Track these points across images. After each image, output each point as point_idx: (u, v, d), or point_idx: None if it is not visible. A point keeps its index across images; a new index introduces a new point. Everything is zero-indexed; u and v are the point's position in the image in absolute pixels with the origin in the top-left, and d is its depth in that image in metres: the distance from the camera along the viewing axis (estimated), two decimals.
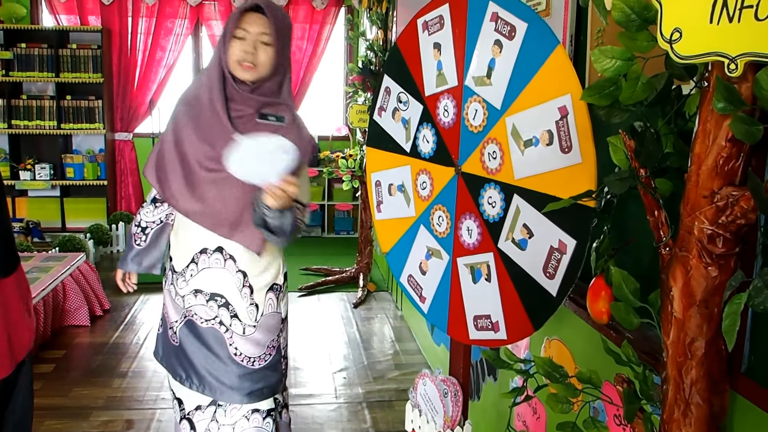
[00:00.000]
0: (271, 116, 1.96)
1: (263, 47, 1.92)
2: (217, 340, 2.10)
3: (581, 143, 1.37)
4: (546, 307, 1.49)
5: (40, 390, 3.43)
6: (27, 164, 6.47)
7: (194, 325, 2.11)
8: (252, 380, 2.14)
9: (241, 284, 2.08)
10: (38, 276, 4.10)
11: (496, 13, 1.56)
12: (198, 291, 2.08)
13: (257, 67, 1.92)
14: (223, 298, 2.08)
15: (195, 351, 2.12)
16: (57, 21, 6.62)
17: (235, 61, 1.91)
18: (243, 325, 2.10)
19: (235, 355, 2.11)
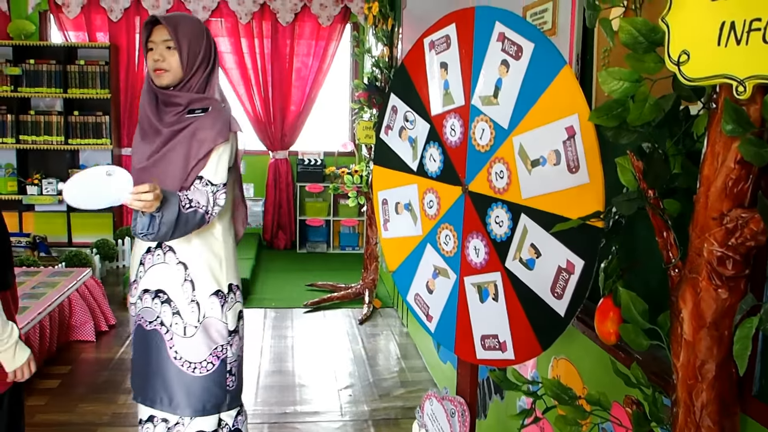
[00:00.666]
0: (197, 110, 2.11)
1: (169, 52, 2.07)
2: (157, 341, 2.16)
3: (589, 163, 1.37)
4: (554, 328, 1.48)
5: (46, 406, 3.43)
6: (34, 179, 6.50)
7: (141, 330, 2.20)
8: (191, 390, 2.16)
9: (183, 278, 2.14)
10: (45, 291, 4.11)
11: (503, 33, 1.56)
12: (145, 291, 2.17)
13: (170, 71, 2.08)
14: (165, 293, 2.15)
15: (139, 358, 2.21)
16: (65, 37, 6.68)
17: (151, 69, 2.09)
18: (184, 323, 2.15)
19: (174, 358, 2.15)
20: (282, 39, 6.84)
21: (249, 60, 6.85)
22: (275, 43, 6.84)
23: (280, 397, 3.63)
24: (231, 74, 6.86)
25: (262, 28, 6.81)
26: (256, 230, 7.14)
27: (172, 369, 2.14)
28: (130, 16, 6.66)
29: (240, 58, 6.83)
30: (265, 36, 6.82)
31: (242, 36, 6.80)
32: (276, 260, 6.63)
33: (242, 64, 6.84)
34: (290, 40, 6.85)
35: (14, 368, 1.92)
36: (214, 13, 6.73)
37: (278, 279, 5.91)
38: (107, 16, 6.62)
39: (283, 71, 6.89)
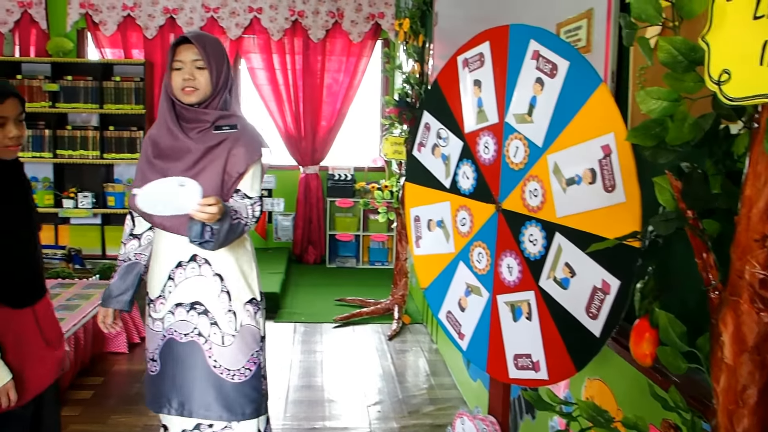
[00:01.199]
0: (225, 126, 2.15)
1: (199, 72, 2.12)
2: (195, 353, 2.19)
3: (625, 182, 1.36)
4: (589, 348, 1.47)
5: (79, 416, 3.47)
6: (70, 192, 6.61)
7: (174, 344, 2.21)
8: (231, 396, 2.20)
9: (219, 289, 2.19)
10: (79, 303, 4.16)
11: (538, 51, 1.56)
12: (178, 305, 2.19)
13: (199, 89, 2.13)
14: (202, 305, 2.18)
15: (174, 371, 2.22)
16: (102, 54, 6.80)
17: (178, 88, 2.12)
18: (222, 333, 2.19)
19: (214, 367, 2.19)
20: (313, 55, 6.90)
21: (281, 76, 6.91)
22: (306, 60, 6.90)
23: (309, 412, 3.63)
24: (263, 90, 6.92)
25: (293, 45, 6.87)
26: (286, 244, 7.18)
27: (212, 378, 2.18)
28: (165, 33, 6.77)
29: (272, 75, 6.90)
30: (296, 52, 6.88)
31: (274, 52, 6.87)
32: (306, 275, 6.64)
33: (274, 80, 6.90)
34: (321, 56, 6.90)
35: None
36: (247, 29, 6.81)
37: (308, 293, 5.93)
38: (142, 34, 6.74)
39: (314, 87, 6.94)
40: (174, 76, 2.13)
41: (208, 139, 2.13)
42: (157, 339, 2.25)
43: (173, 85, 2.13)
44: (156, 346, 2.25)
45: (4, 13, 6.62)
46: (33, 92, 6.46)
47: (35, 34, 6.71)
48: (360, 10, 6.80)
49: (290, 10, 6.77)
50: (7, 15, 6.63)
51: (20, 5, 6.63)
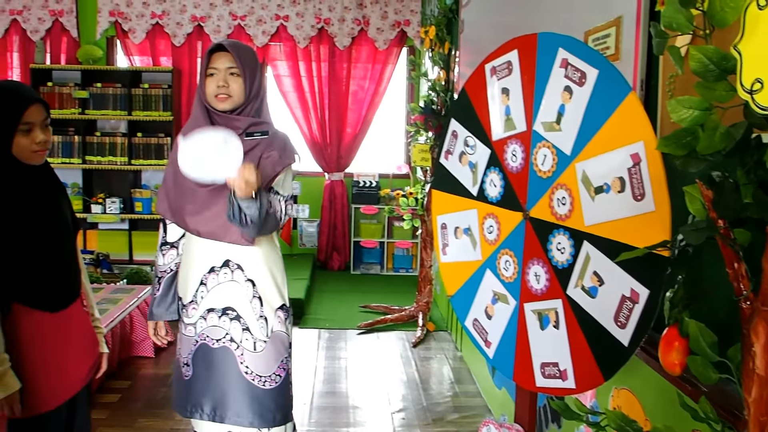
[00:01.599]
0: (256, 133, 2.19)
1: (233, 78, 2.15)
2: (227, 359, 2.20)
3: (654, 191, 1.35)
4: (617, 357, 1.46)
5: (107, 419, 3.51)
6: (98, 198, 6.70)
7: (206, 349, 2.22)
8: (262, 402, 2.21)
9: (251, 294, 2.20)
10: (107, 308, 4.21)
11: (566, 60, 1.56)
12: (210, 310, 2.21)
13: (232, 96, 2.16)
14: (234, 311, 2.20)
15: (206, 376, 2.23)
16: (131, 62, 6.90)
17: (212, 95, 2.15)
18: (254, 339, 2.20)
19: (245, 373, 2.20)
20: (339, 62, 6.94)
21: (306, 83, 6.96)
22: (332, 67, 6.94)
23: (334, 418, 3.64)
24: (289, 97, 6.97)
25: (319, 52, 6.91)
26: (311, 251, 7.21)
27: (244, 384, 2.19)
28: (193, 41, 6.85)
29: (298, 82, 6.95)
30: (322, 59, 6.93)
31: (300, 59, 6.92)
32: (330, 281, 6.67)
33: (300, 87, 6.95)
34: (347, 64, 6.94)
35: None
36: (273, 37, 6.87)
37: (332, 300, 5.95)
38: (171, 41, 6.82)
39: (340, 94, 6.98)
40: (208, 83, 2.16)
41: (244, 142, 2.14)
42: (189, 344, 2.26)
43: (207, 92, 2.16)
44: (189, 351, 2.26)
45: (37, 22, 6.75)
46: (63, 99, 6.56)
47: (66, 42, 6.83)
48: (386, 17, 6.83)
49: (316, 17, 6.81)
50: (39, 23, 6.75)
51: (52, 14, 6.75)
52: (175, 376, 2.38)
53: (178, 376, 2.34)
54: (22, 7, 6.73)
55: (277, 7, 6.80)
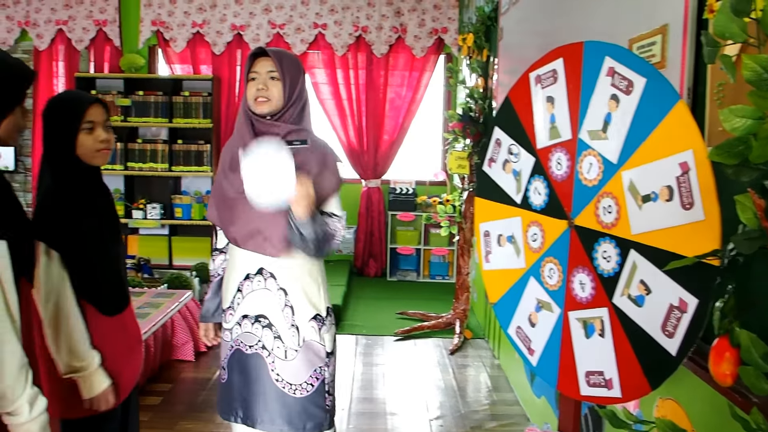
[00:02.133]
0: (295, 141, 2.19)
1: (273, 82, 2.16)
2: (259, 365, 2.22)
3: (704, 200, 1.34)
4: (664, 367, 1.45)
5: (149, 421, 3.57)
6: (139, 204, 6.82)
7: (240, 354, 2.25)
8: (293, 410, 2.22)
9: (283, 303, 2.21)
10: (149, 312, 4.29)
11: (613, 68, 1.56)
12: (244, 316, 2.23)
13: (271, 100, 2.17)
14: (266, 318, 2.21)
15: (240, 381, 2.25)
16: (172, 70, 7.02)
17: (252, 98, 2.17)
18: (285, 347, 2.21)
19: (276, 380, 2.21)
20: (376, 70, 6.98)
21: (344, 90, 7.01)
22: (369, 74, 6.98)
23: (372, 424, 3.65)
24: (326, 104, 7.03)
25: (357, 60, 6.97)
26: (348, 257, 7.25)
27: (274, 391, 2.21)
28: (232, 49, 6.95)
29: (335, 89, 7.00)
30: (360, 67, 6.98)
31: (338, 67, 6.97)
32: (366, 287, 6.69)
33: (337, 94, 7.01)
34: (384, 71, 6.98)
35: (91, 396, 1.98)
36: (312, 45, 6.94)
37: (369, 306, 5.97)
38: (211, 50, 6.93)
39: (377, 101, 7.01)
40: (249, 87, 2.18)
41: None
42: (226, 348, 2.30)
43: (248, 96, 2.19)
44: (225, 355, 2.30)
45: (81, 32, 6.91)
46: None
47: (109, 51, 6.98)
48: (423, 25, 6.85)
49: (354, 25, 6.87)
50: (84, 33, 6.91)
51: (96, 23, 6.90)
52: (218, 378, 2.42)
53: (218, 379, 2.39)
54: (68, 18, 6.90)
55: (315, 16, 6.87)
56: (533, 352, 1.88)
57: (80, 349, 1.95)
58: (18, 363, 1.49)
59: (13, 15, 6.93)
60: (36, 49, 6.96)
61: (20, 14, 6.92)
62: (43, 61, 6.98)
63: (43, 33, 6.92)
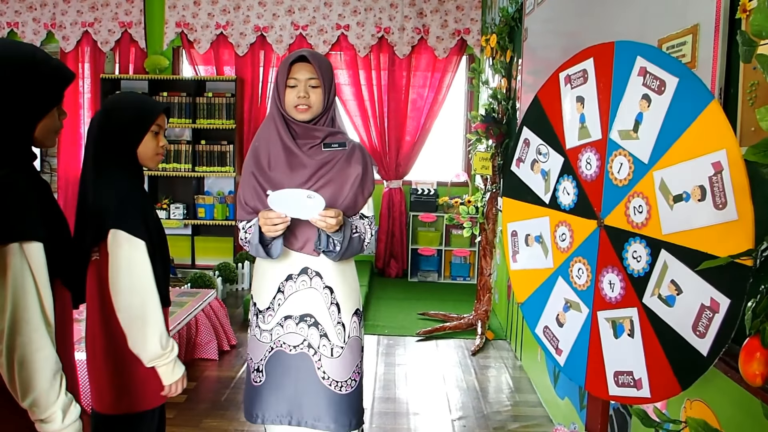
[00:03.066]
0: (333, 144, 2.22)
1: (313, 90, 2.17)
2: (305, 364, 2.21)
3: (737, 200, 1.34)
4: (695, 367, 1.45)
5: (174, 419, 3.60)
6: (163, 204, 6.89)
7: (282, 355, 2.24)
8: (339, 407, 2.22)
9: (329, 301, 2.22)
10: (174, 310, 4.32)
11: (645, 68, 1.56)
12: (287, 317, 2.22)
13: (312, 107, 2.18)
14: (312, 317, 2.21)
15: (282, 382, 2.23)
16: (195, 71, 7.08)
17: (292, 106, 2.17)
18: (331, 345, 2.21)
19: (323, 379, 2.22)
20: (398, 71, 6.99)
21: (366, 91, 7.03)
22: (392, 75, 6.99)
23: (394, 424, 3.66)
24: (348, 105, 7.05)
25: (379, 61, 6.98)
26: (369, 258, 7.26)
27: (321, 389, 2.21)
28: (255, 50, 7.00)
29: (357, 90, 7.02)
30: (382, 68, 6.99)
31: (360, 68, 6.99)
32: (388, 288, 6.70)
33: (359, 95, 7.03)
34: (406, 72, 6.99)
35: (170, 383, 2.06)
36: (334, 46, 6.96)
37: (390, 307, 5.98)
38: (234, 51, 6.98)
39: (399, 102, 7.02)
40: (288, 93, 2.17)
41: (319, 156, 2.20)
42: (263, 350, 2.27)
43: (287, 102, 2.18)
44: (262, 356, 2.27)
45: (107, 33, 6.99)
46: None
47: (134, 52, 7.05)
48: (446, 26, 6.86)
49: (377, 27, 6.88)
50: (110, 35, 6.99)
51: (121, 25, 6.98)
52: (246, 387, 2.37)
53: (249, 381, 2.34)
54: (93, 20, 6.98)
55: (338, 17, 6.90)
56: (561, 352, 1.88)
57: (165, 337, 2.03)
58: (52, 369, 1.49)
59: (40, 17, 7.02)
60: (62, 51, 7.05)
61: (46, 16, 7.01)
62: (69, 63, 7.06)
63: (69, 35, 7.01)
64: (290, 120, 2.20)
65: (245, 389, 2.41)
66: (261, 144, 2.28)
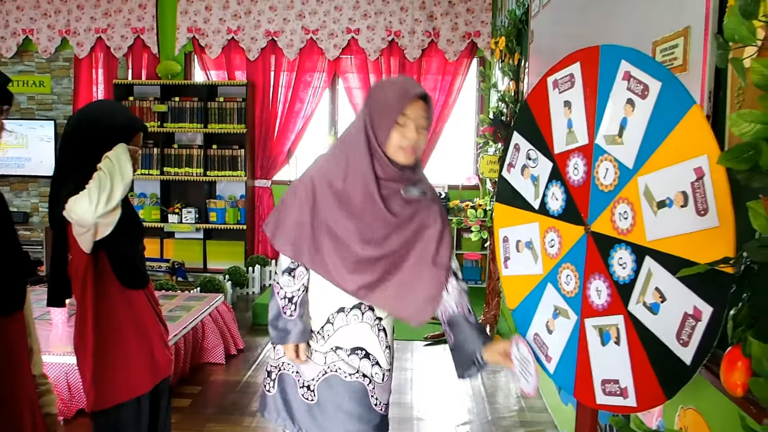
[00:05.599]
0: (413, 190, 2.04)
1: (422, 131, 1.96)
2: (360, 392, 2.10)
3: (719, 206, 1.31)
4: (679, 376, 1.42)
5: (178, 423, 3.61)
6: (175, 208, 6.93)
7: (337, 380, 2.11)
8: (381, 428, 2.16)
9: (378, 329, 2.12)
10: (181, 315, 4.35)
11: (629, 72, 1.54)
12: (338, 348, 2.10)
13: (417, 151, 1.98)
14: (363, 350, 2.10)
15: (336, 406, 2.11)
16: (207, 76, 7.12)
17: (397, 146, 1.94)
18: (382, 371, 2.13)
19: (375, 405, 2.12)
20: (409, 74, 6.98)
21: None
22: None
23: (399, 429, 3.65)
24: (359, 109, 7.04)
25: (390, 64, 6.98)
26: None
27: (373, 415, 2.12)
28: (266, 55, 7.03)
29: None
30: (392, 71, 6.99)
31: (371, 72, 6.99)
32: None
33: None
34: (417, 75, 6.97)
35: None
36: (345, 50, 6.97)
37: None
38: (245, 56, 7.02)
39: None
40: (395, 131, 1.92)
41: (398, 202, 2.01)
42: (316, 370, 2.14)
43: (391, 142, 1.93)
44: (314, 377, 2.13)
45: (120, 39, 7.05)
46: (143, 113, 6.85)
47: (147, 58, 7.11)
48: (456, 29, 6.84)
49: (387, 30, 6.88)
50: (122, 41, 7.06)
51: (134, 31, 7.04)
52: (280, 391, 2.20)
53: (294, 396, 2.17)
54: (107, 26, 7.05)
55: (348, 21, 6.90)
56: (551, 360, 1.86)
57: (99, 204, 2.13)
58: None
59: (54, 24, 7.10)
60: (76, 57, 7.13)
61: (61, 23, 7.09)
62: (83, 69, 7.15)
63: (83, 41, 7.09)
64: (383, 160, 1.95)
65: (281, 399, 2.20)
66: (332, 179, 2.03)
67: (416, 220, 2.06)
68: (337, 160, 2.04)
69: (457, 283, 2.13)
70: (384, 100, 1.94)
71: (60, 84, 7.27)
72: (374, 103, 1.97)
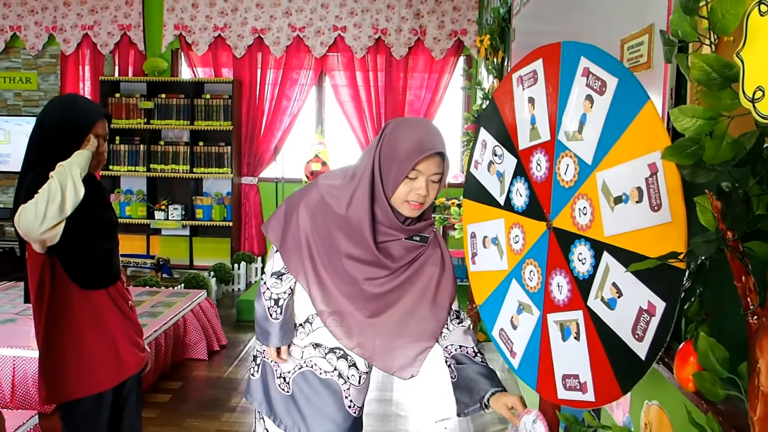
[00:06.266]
0: (415, 237, 1.98)
1: (432, 185, 1.88)
2: (333, 392, 2.10)
3: (671, 202, 1.32)
4: (634, 371, 1.43)
5: (156, 418, 3.62)
6: (161, 205, 6.92)
7: (312, 376, 2.11)
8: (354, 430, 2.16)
9: None
10: (162, 310, 4.35)
11: (588, 68, 1.54)
12: (317, 345, 2.09)
13: (425, 205, 1.91)
14: (341, 350, 2.09)
15: (308, 401, 2.12)
16: (194, 73, 7.11)
17: (402, 199, 1.87)
18: (359, 373, 2.11)
19: (348, 407, 2.12)
20: (396, 72, 6.98)
21: (363, 93, 7.02)
22: (389, 77, 6.98)
23: (378, 426, 3.66)
24: (345, 107, 7.05)
25: (376, 62, 6.98)
26: None
27: (345, 415, 2.11)
28: (253, 52, 7.02)
29: (355, 91, 7.02)
30: (379, 69, 6.99)
31: (357, 69, 6.99)
32: None
33: (357, 96, 7.02)
34: (404, 73, 6.97)
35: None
36: (331, 48, 6.97)
37: None
38: (232, 53, 7.00)
39: (396, 104, 7.01)
40: (404, 184, 1.84)
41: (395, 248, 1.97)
42: (293, 363, 2.14)
43: (398, 194, 1.86)
44: (292, 369, 2.14)
45: (106, 36, 7.03)
46: (130, 110, 6.83)
47: (133, 54, 7.10)
48: (443, 27, 6.84)
49: (374, 28, 6.88)
50: (109, 38, 7.03)
51: (120, 28, 7.02)
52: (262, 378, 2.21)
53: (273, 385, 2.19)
54: (93, 23, 7.03)
55: (335, 19, 6.90)
56: (515, 355, 1.87)
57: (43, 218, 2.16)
58: None
59: (41, 21, 7.08)
60: (63, 54, 7.11)
61: (48, 20, 7.07)
62: (70, 66, 7.12)
63: (70, 38, 7.06)
64: (386, 210, 1.90)
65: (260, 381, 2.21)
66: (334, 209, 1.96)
67: (415, 265, 2.00)
68: (345, 185, 1.97)
69: (460, 324, 2.07)
70: (396, 150, 1.85)
71: (47, 81, 7.26)
72: (387, 147, 1.87)
